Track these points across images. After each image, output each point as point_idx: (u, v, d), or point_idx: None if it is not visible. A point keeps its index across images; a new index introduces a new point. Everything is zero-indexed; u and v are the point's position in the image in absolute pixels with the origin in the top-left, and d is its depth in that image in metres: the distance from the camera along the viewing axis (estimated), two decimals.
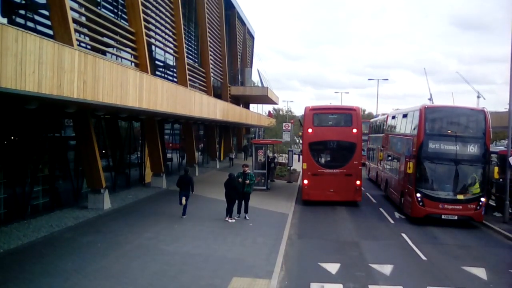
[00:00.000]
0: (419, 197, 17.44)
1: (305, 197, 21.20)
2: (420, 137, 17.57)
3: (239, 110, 34.49)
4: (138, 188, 23.43)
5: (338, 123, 21.88)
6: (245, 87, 45.59)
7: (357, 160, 20.98)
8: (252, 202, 19.76)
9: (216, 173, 33.93)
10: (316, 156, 21.59)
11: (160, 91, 15.62)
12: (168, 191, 23.59)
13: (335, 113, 21.94)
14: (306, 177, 21.20)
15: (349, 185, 20.87)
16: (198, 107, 20.91)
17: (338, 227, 16.83)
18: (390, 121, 24.78)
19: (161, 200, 20.61)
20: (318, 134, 21.11)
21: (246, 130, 57.19)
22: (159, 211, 18.03)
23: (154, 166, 23.92)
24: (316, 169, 21.03)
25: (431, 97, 58.66)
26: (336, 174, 20.93)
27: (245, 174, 16.88)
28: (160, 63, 27.90)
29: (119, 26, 20.27)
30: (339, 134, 21.08)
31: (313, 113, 21.21)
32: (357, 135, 20.99)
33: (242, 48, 50.98)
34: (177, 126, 31.19)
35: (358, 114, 21.14)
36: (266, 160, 25.16)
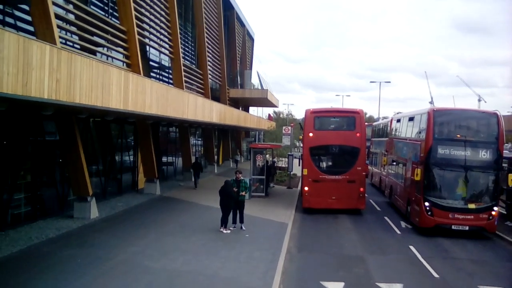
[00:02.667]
0: (427, 206, 16.29)
1: (305, 205, 20.05)
2: (428, 142, 16.43)
3: (237, 113, 33.34)
4: (130, 195, 22.29)
5: (340, 127, 20.76)
6: (244, 90, 44.52)
7: (360, 165, 19.83)
8: (249, 210, 18.69)
9: (213, 178, 32.76)
10: (317, 161, 20.46)
11: (149, 92, 14.50)
12: (162, 198, 22.46)
13: (337, 116, 20.80)
14: (306, 183, 20.05)
15: (352, 192, 19.73)
16: (192, 110, 19.79)
17: (341, 239, 15.67)
18: (394, 125, 23.63)
19: (153, 208, 19.45)
20: (320, 138, 19.98)
21: (246, 134, 56.08)
22: (149, 220, 16.88)
23: (148, 171, 22.80)
24: (317, 175, 19.89)
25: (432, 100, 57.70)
26: (338, 181, 19.79)
27: (238, 181, 15.75)
28: (155, 64, 26.82)
29: (109, 24, 19.20)
30: (341, 138, 19.96)
31: (314, 116, 20.09)
32: (360, 139, 19.85)
33: (242, 50, 49.92)
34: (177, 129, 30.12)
35: (362, 117, 20.01)
36: (265, 166, 24.01)
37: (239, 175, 15.85)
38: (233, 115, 31.12)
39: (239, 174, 15.88)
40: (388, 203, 23.52)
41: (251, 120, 40.16)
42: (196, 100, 20.65)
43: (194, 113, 20.06)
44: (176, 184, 27.64)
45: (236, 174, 15.93)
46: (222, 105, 28.50)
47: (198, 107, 20.77)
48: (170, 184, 27.55)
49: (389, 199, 23.58)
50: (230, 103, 42.32)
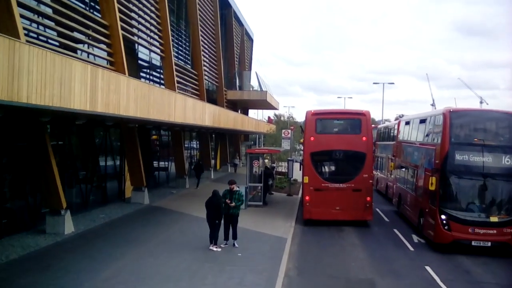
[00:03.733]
0: (444, 220, 14.42)
1: (306, 216, 18.19)
2: (444, 147, 14.58)
3: (233, 115, 31.42)
4: (116, 205, 20.45)
5: (344, 130, 18.92)
6: (242, 91, 42.70)
7: (367, 172, 17.98)
8: (245, 221, 16.90)
9: (209, 184, 30.86)
10: (319, 168, 18.61)
11: (125, 91, 12.66)
12: (150, 208, 20.62)
13: (341, 118, 18.94)
14: (307, 192, 18.19)
15: (357, 202, 17.87)
16: (181, 112, 17.95)
17: (347, 258, 13.79)
18: (403, 128, 21.76)
19: (138, 221, 17.61)
20: (322, 142, 18.14)
21: (245, 137, 54.25)
22: (131, 236, 15.05)
23: (135, 179, 20.97)
24: (319, 183, 18.04)
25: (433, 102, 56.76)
26: (342, 189, 17.93)
27: (232, 192, 13.91)
28: (145, 63, 25.05)
29: (90, 19, 17.43)
30: (346, 142, 18.11)
31: (315, 119, 18.24)
32: (367, 144, 18.01)
33: (240, 50, 48.14)
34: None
35: (368, 119, 18.16)
36: (263, 172, 22.16)
37: (233, 186, 13.98)
38: (229, 117, 29.25)
39: (233, 184, 14.00)
40: (396, 212, 21.65)
41: (249, 123, 38.25)
42: (185, 101, 18.81)
43: (182, 115, 18.21)
44: (168, 192, 25.80)
45: (229, 185, 14.06)
46: (216, 107, 26.63)
47: (187, 109, 18.92)
48: (162, 191, 25.73)
49: (397, 208, 21.70)
50: (228, 105, 40.53)
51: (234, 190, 13.94)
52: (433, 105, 54.35)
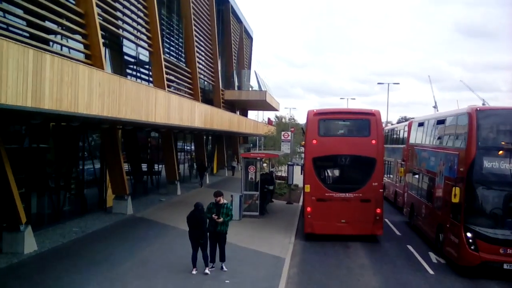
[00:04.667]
0: (470, 238, 12.21)
1: (308, 230, 15.99)
2: (470, 152, 12.37)
3: (228, 116, 29.10)
4: (94, 216, 18.26)
5: (351, 132, 16.76)
6: (240, 91, 40.51)
7: (377, 181, 15.78)
8: (238, 236, 14.84)
9: (203, 190, 28.70)
10: (322, 175, 16.44)
11: (86, 84, 10.42)
12: (132, 219, 18.44)
13: (348, 119, 16.70)
14: (309, 203, 15.98)
15: (366, 214, 15.67)
16: (163, 111, 15.75)
17: (356, 284, 11.58)
18: (415, 130, 19.55)
19: (115, 236, 15.43)
20: (326, 146, 15.95)
21: (244, 140, 52.07)
22: (102, 256, 12.86)
23: (116, 186, 18.80)
24: (322, 193, 15.84)
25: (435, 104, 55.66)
26: (349, 200, 15.74)
27: (219, 205, 11.72)
28: (131, 59, 22.90)
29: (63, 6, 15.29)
30: (353, 146, 15.90)
31: (318, 119, 16.05)
32: (377, 148, 15.81)
33: (239, 49, 45.99)
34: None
35: (378, 120, 15.96)
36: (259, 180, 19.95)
37: (219, 198, 11.77)
38: (223, 118, 27.01)
39: (219, 196, 11.79)
40: (408, 223, 19.44)
41: (246, 125, 36.00)
42: (170, 99, 16.58)
43: (166, 115, 16.01)
44: (157, 199, 23.61)
45: (215, 197, 11.85)
46: (209, 107, 24.35)
47: (172, 108, 16.71)
48: (151, 199, 23.55)
49: (409, 219, 19.48)
50: (225, 106, 38.38)
51: (221, 203, 11.74)
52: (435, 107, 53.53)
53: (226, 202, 11.91)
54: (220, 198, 11.78)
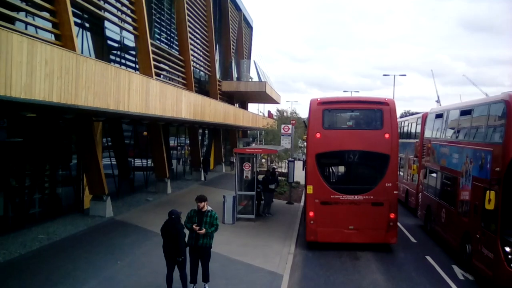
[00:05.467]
0: (510, 254, 9.99)
1: (310, 238, 13.79)
2: (509, 148, 10.13)
3: (223, 107, 26.66)
4: (68, 220, 16.12)
5: (361, 124, 14.52)
6: (239, 82, 38.26)
7: (390, 180, 13.55)
8: (229, 244, 12.83)
9: (197, 188, 26.53)
10: (327, 174, 14.28)
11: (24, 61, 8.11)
12: (111, 223, 16.27)
13: (358, 109, 14.38)
14: (312, 206, 13.76)
15: (378, 220, 13.48)
16: (139, 98, 13.42)
17: None
18: (432, 122, 17.28)
19: (86, 244, 13.26)
20: (331, 141, 13.72)
21: (243, 133, 49.81)
22: (63, 271, 10.69)
23: (93, 185, 16.63)
24: (327, 195, 13.62)
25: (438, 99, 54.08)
26: (358, 203, 13.52)
27: (201, 213, 9.52)
28: (115, 43, 20.66)
29: None
30: (363, 141, 13.67)
31: (322, 109, 13.78)
32: (391, 143, 13.57)
33: (238, 38, 43.63)
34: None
35: (393, 110, 13.69)
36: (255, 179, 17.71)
37: (202, 204, 9.56)
38: (218, 110, 24.70)
39: (202, 202, 9.56)
40: (423, 227, 17.25)
41: (244, 117, 33.67)
42: (148, 85, 14.22)
43: (143, 103, 13.72)
44: (143, 199, 21.44)
45: (197, 202, 9.62)
46: (199, 96, 21.91)
47: (152, 96, 14.41)
48: (137, 198, 21.39)
49: (423, 223, 17.29)
50: (223, 97, 36.12)
51: (204, 211, 9.53)
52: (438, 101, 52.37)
53: (210, 209, 9.69)
54: (204, 204, 9.57)
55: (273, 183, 18.21)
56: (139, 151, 24.11)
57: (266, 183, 17.82)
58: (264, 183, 17.82)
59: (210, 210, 9.61)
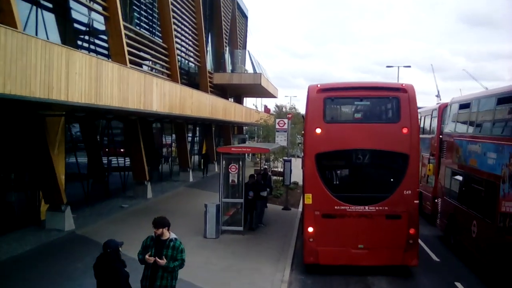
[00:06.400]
0: None
1: (309, 259, 11.00)
2: None
3: (209, 100, 23.40)
4: (19, 234, 13.37)
5: (372, 116, 11.73)
6: (232, 74, 35.40)
7: (410, 187, 10.75)
8: (206, 271, 10.00)
9: (184, 192, 23.82)
10: (330, 180, 11.46)
11: None
12: (69, 238, 13.50)
13: (368, 97, 11.45)
14: (311, 220, 10.95)
15: (394, 237, 10.72)
16: (87, 86, 10.41)
17: None
18: (454, 114, 14.46)
19: (26, 271, 10.46)
20: (334, 138, 10.90)
21: (239, 130, 46.96)
22: None
23: (48, 193, 13.84)
24: (330, 206, 10.82)
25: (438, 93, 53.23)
26: (369, 216, 10.74)
27: (161, 242, 6.75)
28: (82, 26, 17.84)
29: None
30: (375, 137, 10.86)
31: (324, 98, 10.93)
32: (410, 139, 10.76)
33: (231, 28, 40.72)
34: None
35: (412, 98, 10.86)
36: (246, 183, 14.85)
37: (161, 231, 6.74)
38: (201, 102, 21.74)
39: (162, 228, 6.74)
40: (442, 238, 14.54)
41: (237, 112, 30.74)
42: (100, 68, 11.18)
43: (91, 91, 10.74)
44: (117, 205, 18.65)
45: (155, 228, 6.78)
46: (179, 86, 18.71)
47: (106, 82, 11.27)
48: (110, 205, 18.61)
49: (444, 233, 14.54)
50: (215, 91, 33.26)
51: (165, 239, 6.74)
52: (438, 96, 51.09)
53: (174, 237, 6.88)
54: (163, 231, 6.77)
55: (265, 189, 15.27)
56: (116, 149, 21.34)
57: (257, 189, 14.92)
58: (255, 190, 14.92)
59: (174, 239, 6.81)
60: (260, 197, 14.98)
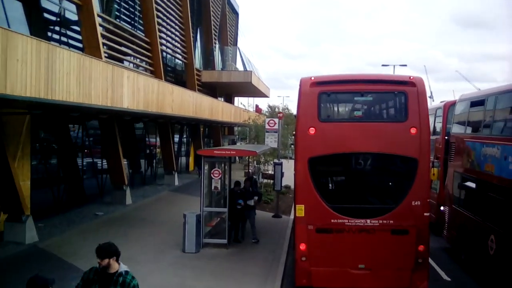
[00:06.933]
0: None
1: (301, 282, 9.39)
2: None
3: (193, 98, 21.28)
4: None
5: (375, 114, 10.18)
6: (220, 72, 33.71)
7: (419, 197, 9.18)
8: None
9: (167, 197, 22.16)
10: (326, 189, 9.84)
11: None
12: (29, 254, 11.78)
13: (370, 91, 9.84)
14: (303, 236, 9.34)
15: (401, 255, 9.15)
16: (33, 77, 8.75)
17: None
18: (465, 112, 12.94)
19: None
20: (331, 139, 9.30)
21: (229, 130, 45.32)
22: None
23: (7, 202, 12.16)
24: (326, 219, 9.23)
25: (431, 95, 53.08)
26: (372, 231, 9.15)
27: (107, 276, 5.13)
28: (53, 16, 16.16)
29: None
30: (378, 139, 9.26)
31: (319, 92, 9.31)
32: (419, 141, 9.19)
33: (221, 23, 39.12)
34: None
35: (422, 93, 9.28)
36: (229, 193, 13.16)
37: (108, 261, 5.12)
38: (184, 100, 19.93)
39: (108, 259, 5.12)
40: (449, 251, 13.01)
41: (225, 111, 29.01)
42: (53, 56, 9.47)
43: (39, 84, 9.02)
44: (92, 213, 16.97)
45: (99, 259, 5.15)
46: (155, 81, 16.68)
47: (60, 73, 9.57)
48: (83, 213, 16.91)
49: (452, 246, 13.02)
50: (203, 90, 31.58)
51: (113, 273, 5.12)
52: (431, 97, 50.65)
53: (124, 270, 5.22)
54: (109, 262, 5.14)
55: (251, 198, 13.53)
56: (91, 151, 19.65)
57: (244, 198, 13.22)
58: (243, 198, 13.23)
59: (124, 273, 5.18)
60: (248, 206, 13.30)
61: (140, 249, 12.35)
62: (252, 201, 13.29)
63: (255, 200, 13.62)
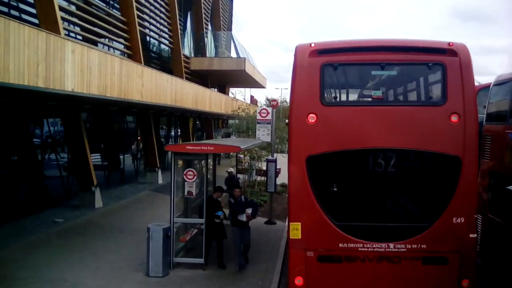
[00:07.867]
0: None
1: None
2: None
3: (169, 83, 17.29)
4: None
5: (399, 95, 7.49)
6: (211, 59, 30.87)
7: (462, 212, 6.53)
8: None
9: (146, 198, 19.50)
10: (330, 200, 7.11)
11: None
12: None
13: (392, 62, 7.09)
14: (299, 266, 6.71)
15: None
16: None
17: None
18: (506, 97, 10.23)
19: None
20: (338, 130, 6.66)
21: (223, 123, 42.52)
22: None
23: None
24: (331, 243, 6.61)
25: None
26: (395, 259, 6.51)
27: None
28: None
29: None
30: (404, 130, 6.58)
31: (321, 64, 6.63)
32: (463, 133, 6.53)
33: (213, 8, 36.21)
34: None
35: (466, 65, 6.63)
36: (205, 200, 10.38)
37: None
38: (160, 86, 16.90)
39: None
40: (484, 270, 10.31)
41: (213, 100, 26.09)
42: None
43: None
44: (51, 220, 14.31)
45: None
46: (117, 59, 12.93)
47: None
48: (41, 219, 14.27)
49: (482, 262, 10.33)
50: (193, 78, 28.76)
51: None
52: None
53: None
54: None
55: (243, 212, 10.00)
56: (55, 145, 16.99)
57: (234, 211, 10.26)
58: (231, 212, 10.31)
59: None
60: (238, 222, 10.28)
61: (94, 271, 9.71)
62: (244, 216, 10.08)
63: (248, 214, 9.97)
